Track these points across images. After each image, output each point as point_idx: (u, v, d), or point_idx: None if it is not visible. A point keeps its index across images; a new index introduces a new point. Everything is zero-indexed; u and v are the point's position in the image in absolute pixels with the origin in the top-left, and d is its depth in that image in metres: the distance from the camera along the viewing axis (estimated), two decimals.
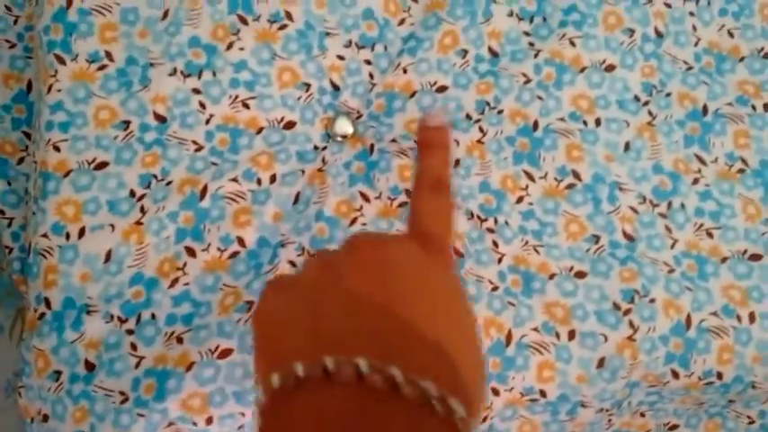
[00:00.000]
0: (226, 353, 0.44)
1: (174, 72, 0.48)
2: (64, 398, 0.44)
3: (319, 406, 0.26)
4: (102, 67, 0.48)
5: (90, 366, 0.44)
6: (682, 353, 0.48)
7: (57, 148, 0.46)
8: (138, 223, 0.46)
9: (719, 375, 0.48)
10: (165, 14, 0.49)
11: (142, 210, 0.46)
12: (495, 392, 0.47)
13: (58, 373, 0.44)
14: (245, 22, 0.49)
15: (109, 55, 0.48)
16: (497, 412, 0.47)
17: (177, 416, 0.43)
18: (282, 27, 0.50)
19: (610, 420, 0.50)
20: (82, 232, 0.45)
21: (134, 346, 0.44)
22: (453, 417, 0.26)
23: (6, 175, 0.51)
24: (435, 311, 0.31)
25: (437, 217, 0.36)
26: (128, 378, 0.44)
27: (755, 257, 0.50)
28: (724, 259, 0.50)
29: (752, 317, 0.49)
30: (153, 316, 0.45)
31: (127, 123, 0.47)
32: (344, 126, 0.51)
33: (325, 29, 0.51)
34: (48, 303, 0.45)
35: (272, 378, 0.27)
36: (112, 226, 0.46)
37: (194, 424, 0.43)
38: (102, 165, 0.46)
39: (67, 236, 0.45)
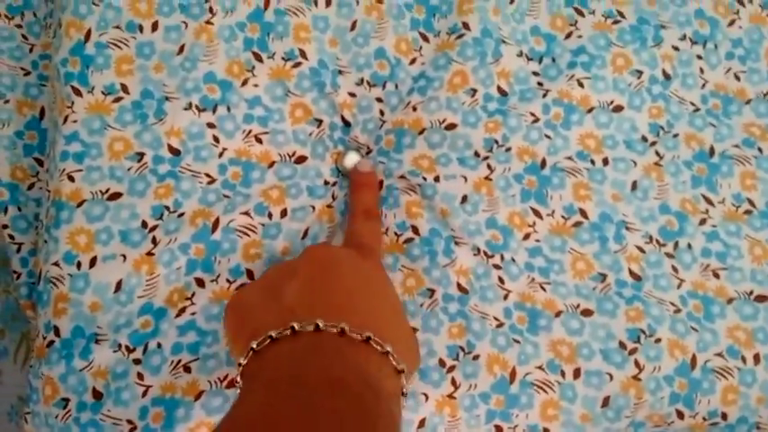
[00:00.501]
0: (234, 383, 0.44)
1: (189, 106, 0.49)
2: (71, 426, 0.44)
3: (288, 349, 0.34)
4: (117, 100, 0.49)
5: (97, 395, 0.44)
6: (686, 393, 0.48)
7: (71, 178, 0.47)
8: (150, 254, 0.46)
9: (724, 416, 0.48)
10: (181, 49, 0.50)
11: (154, 241, 0.47)
12: (499, 429, 0.47)
13: (66, 400, 0.44)
14: (259, 59, 0.51)
15: (125, 88, 0.49)
16: None
17: None
18: (296, 65, 0.51)
19: None
20: (93, 262, 0.46)
21: (140, 376, 0.45)
22: (389, 354, 0.35)
23: (17, 201, 0.52)
24: (369, 291, 0.40)
25: (370, 235, 0.47)
26: (135, 407, 0.44)
27: (761, 299, 0.50)
28: (730, 300, 0.50)
29: (756, 358, 0.49)
30: (159, 345, 0.45)
31: (141, 155, 0.48)
32: (354, 160, 0.51)
33: (337, 67, 0.52)
34: (57, 331, 0.45)
35: (251, 344, 0.34)
36: (124, 256, 0.46)
37: None
38: (116, 195, 0.47)
39: (79, 265, 0.46)
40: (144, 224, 0.47)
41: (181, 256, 0.47)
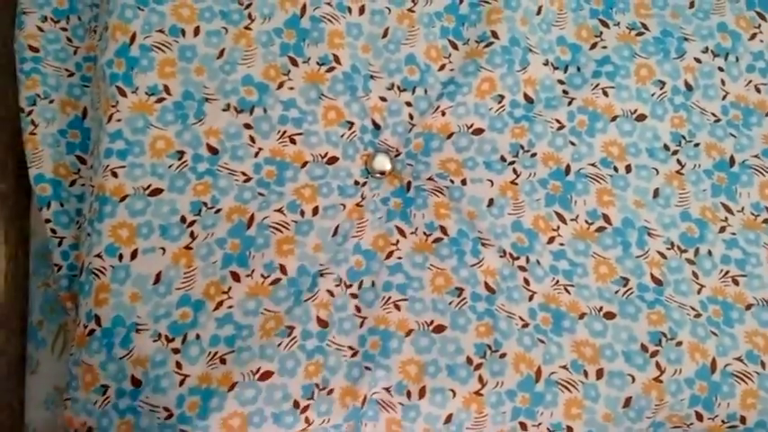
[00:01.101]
0: (267, 375, 0.46)
1: (227, 107, 0.51)
2: (110, 411, 0.45)
3: None
4: (160, 100, 0.51)
5: (137, 382, 0.46)
6: (706, 396, 0.49)
7: (114, 174, 0.49)
8: (188, 248, 0.48)
9: (743, 419, 0.49)
10: (221, 53, 0.52)
11: (192, 235, 0.49)
12: (523, 427, 0.48)
13: (105, 387, 0.46)
14: (295, 63, 0.52)
15: (167, 89, 0.51)
16: None
17: None
18: (330, 69, 0.53)
19: None
20: (134, 254, 0.48)
21: (179, 365, 0.46)
22: None
23: (59, 197, 0.53)
24: None
25: None
26: (173, 395, 0.46)
27: None
28: (749, 306, 0.52)
29: None
30: (198, 336, 0.47)
31: (181, 153, 0.50)
32: (383, 163, 0.53)
33: (369, 72, 0.54)
34: (98, 320, 0.47)
35: None
36: (163, 249, 0.48)
37: None
38: (157, 191, 0.49)
39: (120, 257, 0.48)
40: (183, 219, 0.49)
41: (217, 251, 0.48)
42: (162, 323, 0.47)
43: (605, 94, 0.54)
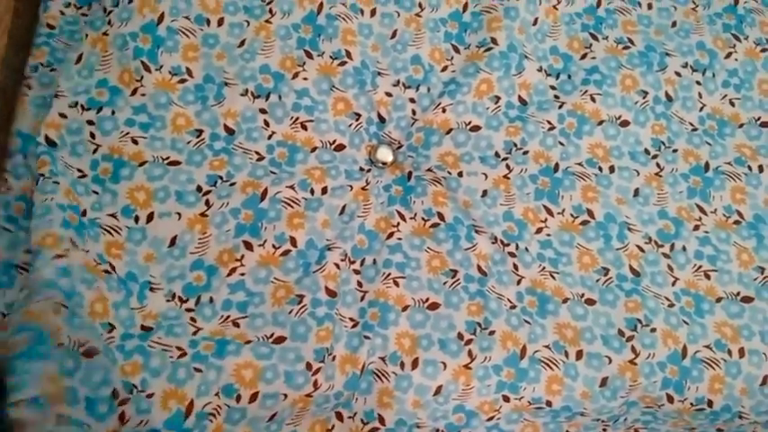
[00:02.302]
0: (280, 339, 0.49)
1: (245, 92, 0.55)
2: (114, 352, 0.46)
3: None
4: (182, 81, 0.54)
5: (147, 329, 0.48)
6: (677, 379, 0.53)
7: (135, 141, 0.52)
8: (203, 215, 0.51)
9: (710, 403, 0.53)
10: (242, 43, 0.56)
11: (207, 203, 0.52)
12: (506, 399, 0.51)
13: (112, 326, 0.47)
14: (310, 56, 0.57)
15: (189, 71, 0.55)
16: (504, 416, 0.52)
17: (226, 384, 0.46)
18: (342, 63, 0.57)
19: (605, 430, 0.54)
20: (150, 217, 0.51)
21: (193, 320, 0.49)
22: None
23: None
24: None
25: None
26: (185, 340, 0.47)
27: (747, 300, 0.56)
28: (719, 299, 0.56)
29: (741, 352, 0.54)
30: (211, 300, 0.50)
31: (200, 132, 0.53)
32: (385, 154, 0.57)
33: (377, 69, 0.58)
34: (112, 267, 0.49)
35: None
36: (179, 214, 0.51)
37: (237, 399, 0.47)
38: (175, 163, 0.52)
39: (136, 219, 0.51)
40: (199, 188, 0.52)
41: (231, 220, 0.52)
42: (176, 283, 0.50)
43: (593, 100, 0.59)
